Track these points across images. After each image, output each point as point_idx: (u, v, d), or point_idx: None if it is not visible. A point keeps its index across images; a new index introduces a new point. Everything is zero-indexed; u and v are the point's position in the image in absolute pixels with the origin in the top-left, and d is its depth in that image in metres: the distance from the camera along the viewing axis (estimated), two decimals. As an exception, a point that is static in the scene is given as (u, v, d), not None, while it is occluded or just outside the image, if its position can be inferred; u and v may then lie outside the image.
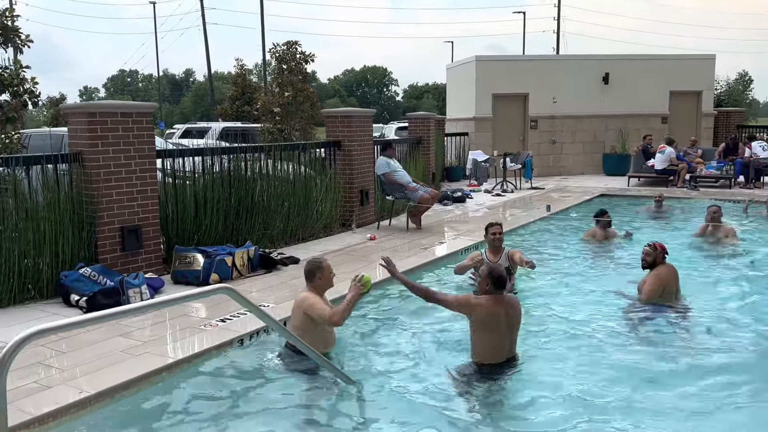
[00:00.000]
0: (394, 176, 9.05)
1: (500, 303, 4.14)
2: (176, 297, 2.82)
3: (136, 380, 3.93)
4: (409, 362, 4.50)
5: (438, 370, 4.33)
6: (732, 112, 18.50)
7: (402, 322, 5.33)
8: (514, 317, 4.18)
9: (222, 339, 4.61)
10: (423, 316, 5.37)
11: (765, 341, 4.86)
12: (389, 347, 4.79)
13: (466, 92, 16.58)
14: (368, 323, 5.31)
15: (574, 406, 3.79)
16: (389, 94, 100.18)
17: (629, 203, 11.55)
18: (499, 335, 4.11)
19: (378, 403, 3.90)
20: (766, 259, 7.47)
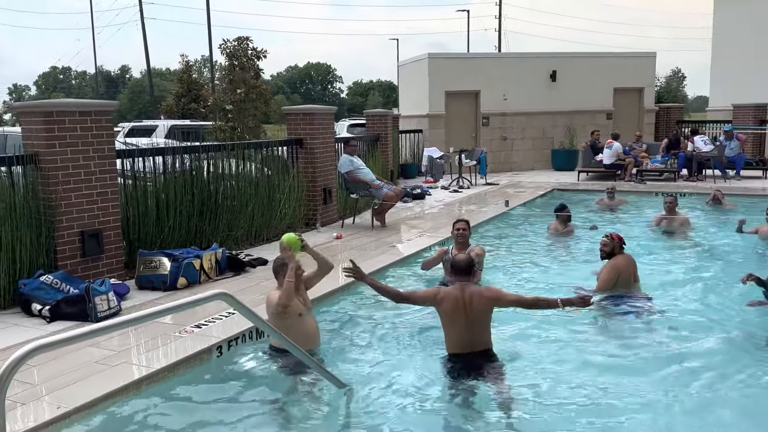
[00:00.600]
0: (358, 174, 8.99)
1: (463, 292, 4.12)
2: (176, 305, 2.70)
3: (116, 392, 3.76)
4: (394, 361, 4.48)
5: (422, 365, 4.34)
6: (672, 108, 19.28)
7: (382, 321, 5.29)
8: (479, 307, 4.10)
9: (201, 345, 4.46)
10: (401, 315, 5.35)
11: (721, 327, 5.06)
12: (373, 348, 4.76)
13: (418, 89, 16.66)
14: (350, 324, 5.26)
15: (543, 396, 3.86)
16: (334, 91, 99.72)
17: (581, 197, 11.87)
18: (465, 324, 4.09)
19: (369, 406, 3.87)
20: (716, 246, 7.82)
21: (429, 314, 5.38)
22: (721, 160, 13.72)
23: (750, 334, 4.93)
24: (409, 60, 17.89)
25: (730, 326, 5.07)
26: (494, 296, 4.18)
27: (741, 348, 4.66)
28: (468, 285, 4.18)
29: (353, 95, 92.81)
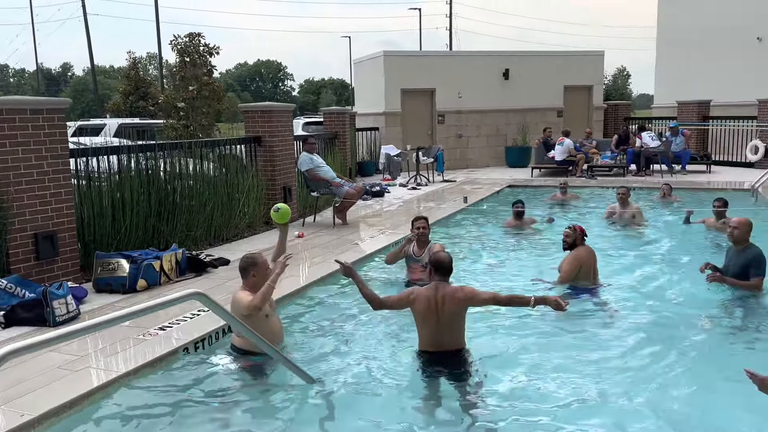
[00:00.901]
0: (318, 172, 8.95)
1: (437, 292, 4.07)
2: (151, 305, 2.63)
3: (81, 398, 3.64)
4: (363, 355, 4.48)
5: (391, 361, 4.34)
6: (620, 105, 19.87)
7: (352, 315, 5.30)
8: (451, 308, 4.05)
9: (167, 348, 4.37)
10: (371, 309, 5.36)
11: (676, 313, 5.26)
12: (342, 342, 4.75)
13: (374, 87, 16.68)
14: (320, 319, 5.24)
15: (515, 390, 3.90)
16: (285, 89, 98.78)
17: (536, 193, 12.13)
18: (436, 324, 4.06)
19: (340, 400, 3.85)
20: (666, 237, 8.12)
21: (407, 315, 5.43)
22: (667, 155, 14.24)
23: (705, 316, 5.14)
24: (365, 58, 17.90)
25: (684, 312, 5.27)
26: (467, 296, 4.11)
27: (697, 331, 4.85)
28: (442, 285, 4.12)
29: (305, 93, 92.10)
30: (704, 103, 16.80)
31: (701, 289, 5.71)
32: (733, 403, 3.61)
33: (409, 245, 6.18)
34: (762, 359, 4.36)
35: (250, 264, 4.32)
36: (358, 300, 5.66)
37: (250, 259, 4.37)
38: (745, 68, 17.85)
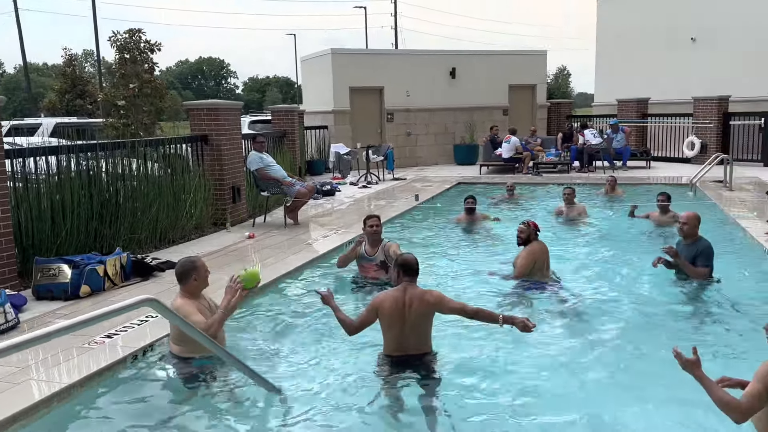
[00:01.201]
0: (269, 171, 8.77)
1: (405, 293, 3.97)
2: (102, 312, 2.48)
3: (24, 412, 3.43)
4: (323, 360, 4.38)
5: (353, 366, 4.23)
6: (562, 104, 20.36)
7: (309, 319, 5.19)
8: (419, 310, 3.94)
9: (115, 357, 4.17)
10: (331, 315, 5.27)
11: (626, 305, 5.41)
12: (301, 346, 4.64)
13: (322, 85, 16.53)
14: (276, 323, 5.11)
15: (479, 390, 3.89)
16: (228, 87, 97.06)
17: (485, 190, 12.27)
18: (402, 327, 3.94)
19: (305, 409, 3.74)
20: (612, 231, 8.34)
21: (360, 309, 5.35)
22: (609, 152, 14.67)
23: (654, 308, 5.29)
24: (312, 56, 17.72)
25: (634, 303, 5.42)
26: (436, 301, 3.99)
27: (647, 322, 4.99)
28: (411, 287, 4.01)
29: (249, 91, 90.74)
30: (643, 101, 17.38)
31: (648, 281, 5.90)
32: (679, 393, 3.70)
33: (360, 246, 6.10)
34: (706, 346, 4.50)
35: (191, 268, 4.10)
36: (316, 302, 5.58)
37: (189, 263, 4.14)
38: (681, 67, 18.57)
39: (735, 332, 4.72)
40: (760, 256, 6.77)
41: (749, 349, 4.22)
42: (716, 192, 10.86)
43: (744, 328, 4.75)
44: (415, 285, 4.05)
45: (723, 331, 4.80)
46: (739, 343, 4.50)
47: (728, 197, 10.36)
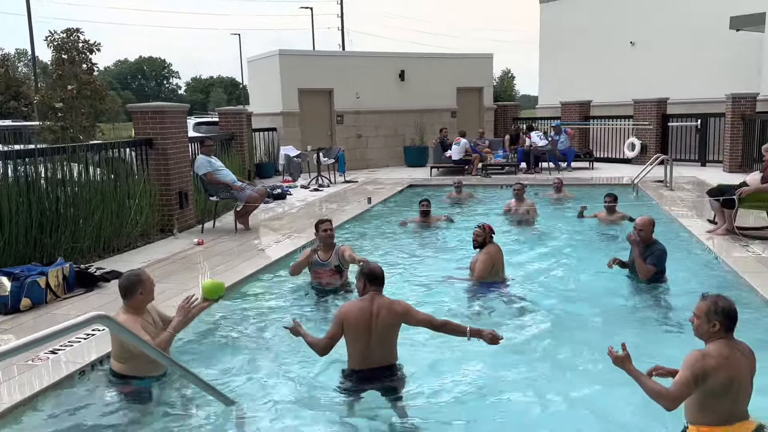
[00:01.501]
0: (218, 175, 8.55)
1: (372, 302, 3.84)
2: (52, 331, 2.33)
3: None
4: (281, 371, 4.27)
5: (314, 377, 4.14)
6: (508, 106, 20.70)
7: (265, 328, 5.07)
8: (386, 320, 3.81)
9: (60, 373, 3.97)
10: (285, 321, 5.16)
11: (577, 304, 5.54)
12: (257, 357, 4.53)
13: (270, 87, 16.29)
14: (229, 334, 4.96)
15: (445, 399, 3.86)
16: (170, 87, 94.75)
17: (435, 192, 12.34)
18: (369, 338, 3.80)
19: (259, 422, 3.64)
20: (561, 231, 8.52)
21: (322, 321, 5.27)
22: (554, 153, 15.01)
23: (606, 307, 5.42)
24: (259, 56, 17.45)
25: (587, 301, 5.56)
26: (404, 311, 3.88)
27: (602, 320, 5.11)
28: (378, 296, 3.88)
29: (192, 92, 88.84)
30: (585, 104, 17.86)
31: (599, 281, 6.04)
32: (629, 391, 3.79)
33: (313, 254, 6.00)
34: (654, 347, 4.63)
35: (137, 281, 3.88)
36: (273, 311, 5.47)
37: (135, 276, 3.93)
38: (621, 70, 19.19)
39: (678, 327, 4.86)
40: (703, 254, 7.03)
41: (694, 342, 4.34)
42: (657, 192, 11.24)
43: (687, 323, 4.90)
44: (381, 294, 3.92)
45: (669, 326, 4.96)
46: (684, 338, 4.65)
47: (669, 197, 10.73)
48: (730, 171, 13.56)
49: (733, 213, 7.42)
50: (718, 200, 7.52)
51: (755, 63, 15.68)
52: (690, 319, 3.16)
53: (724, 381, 2.92)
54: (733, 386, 2.95)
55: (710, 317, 3.02)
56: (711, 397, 2.96)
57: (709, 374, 2.90)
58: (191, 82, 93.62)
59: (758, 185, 7.29)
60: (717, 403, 2.97)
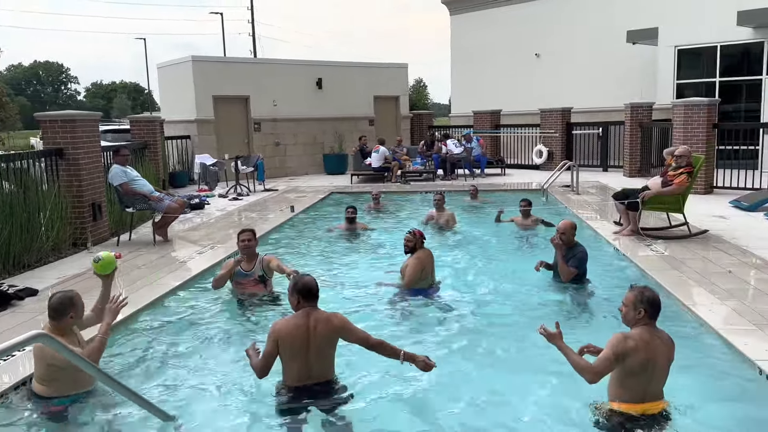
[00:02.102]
0: (134, 186, 8.24)
1: (309, 317, 3.72)
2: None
3: None
4: (214, 386, 4.18)
5: (248, 393, 4.04)
6: (423, 115, 21.20)
7: (193, 342, 4.96)
8: (324, 333, 3.72)
9: (-21, 400, 3.72)
10: (216, 335, 5.08)
11: (500, 307, 5.79)
12: (187, 372, 4.42)
13: (183, 93, 15.85)
14: (155, 349, 4.81)
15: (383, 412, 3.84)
16: (69, 93, 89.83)
17: (358, 199, 12.45)
18: (307, 353, 3.69)
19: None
20: (481, 235, 8.85)
21: (248, 333, 5.21)
22: (469, 160, 15.53)
23: (531, 306, 5.70)
24: (170, 63, 16.93)
25: (512, 302, 5.82)
26: (342, 325, 3.79)
27: (527, 321, 5.32)
28: (314, 310, 3.76)
29: (93, 98, 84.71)
30: (496, 113, 18.59)
31: (523, 282, 6.34)
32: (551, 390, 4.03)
33: (236, 265, 5.92)
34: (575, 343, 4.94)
35: (69, 305, 3.74)
36: (202, 323, 5.35)
37: (68, 299, 3.77)
38: (528, 81, 20.13)
39: (598, 321, 5.22)
40: (611, 254, 7.52)
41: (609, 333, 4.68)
42: (565, 196, 11.88)
43: (605, 317, 5.28)
44: (317, 308, 3.82)
45: (590, 322, 5.30)
46: (602, 329, 4.99)
47: (576, 201, 11.38)
48: (630, 176, 14.56)
49: (637, 215, 7.99)
50: (623, 203, 8.07)
51: (651, 74, 16.93)
52: (619, 308, 3.52)
53: (642, 361, 3.30)
54: (649, 367, 3.33)
55: (636, 306, 3.40)
56: (629, 375, 3.33)
57: (628, 354, 3.29)
58: (91, 88, 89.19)
59: (659, 189, 7.90)
60: (634, 382, 3.34)
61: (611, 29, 17.80)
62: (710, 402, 3.76)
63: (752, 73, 14.99)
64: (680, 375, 3.74)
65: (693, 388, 3.87)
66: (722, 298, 5.35)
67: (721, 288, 5.65)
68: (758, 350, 4.18)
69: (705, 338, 4.67)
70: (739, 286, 5.74)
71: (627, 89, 17.07)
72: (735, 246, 7.34)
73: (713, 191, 11.67)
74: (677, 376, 3.65)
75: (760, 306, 5.11)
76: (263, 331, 5.15)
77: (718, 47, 15.22)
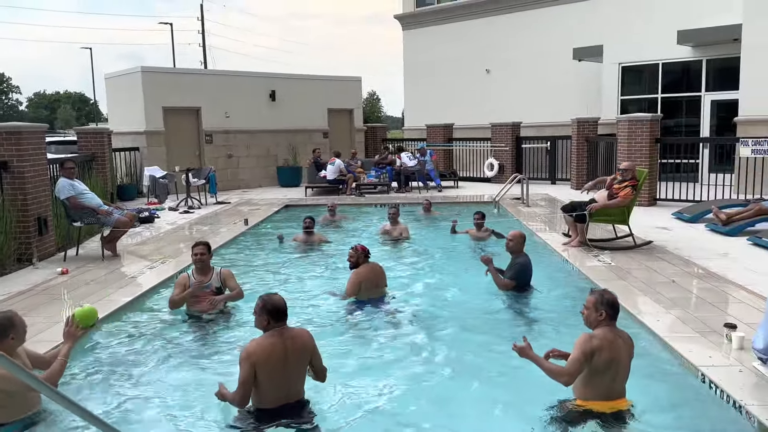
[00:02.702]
0: (82, 200, 8.01)
1: (282, 335, 3.65)
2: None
3: None
4: (171, 408, 4.09)
5: (217, 411, 3.93)
6: (377, 127, 21.33)
7: (148, 360, 4.85)
8: (299, 348, 3.68)
9: None
10: (170, 353, 4.98)
11: (456, 313, 5.92)
12: (147, 392, 4.31)
13: (132, 104, 15.51)
14: (109, 369, 4.67)
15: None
16: (10, 103, 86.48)
17: (312, 212, 12.40)
18: (284, 371, 3.62)
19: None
20: (435, 247, 8.95)
21: (202, 348, 5.13)
22: (423, 173, 15.70)
23: (480, 315, 5.82)
24: (118, 73, 16.56)
25: (464, 311, 5.94)
26: (312, 343, 3.77)
27: (475, 328, 5.46)
28: (286, 329, 3.69)
29: (36, 108, 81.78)
30: (448, 126, 18.86)
31: (473, 292, 6.46)
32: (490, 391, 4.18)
33: (188, 280, 5.82)
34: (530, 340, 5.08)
35: (8, 326, 3.63)
36: (155, 339, 5.23)
37: (7, 320, 3.65)
38: (479, 96, 20.54)
39: (550, 330, 5.34)
40: (560, 264, 7.73)
41: (561, 340, 4.82)
42: (516, 208, 12.14)
43: (556, 324, 5.44)
44: (287, 326, 3.74)
45: (534, 327, 5.46)
46: (546, 334, 5.16)
47: (526, 212, 11.64)
48: (578, 188, 14.96)
49: (584, 227, 8.24)
50: (572, 215, 8.32)
51: (596, 90, 17.53)
52: (581, 311, 3.72)
53: (606, 360, 3.49)
54: (613, 366, 3.52)
55: (597, 307, 3.61)
56: (595, 374, 3.53)
57: (595, 352, 3.49)
58: (34, 98, 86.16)
59: (605, 201, 8.17)
60: (599, 381, 3.55)
61: (558, 46, 18.38)
62: (656, 407, 3.90)
63: (692, 89, 15.72)
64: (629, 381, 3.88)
65: (641, 394, 4.02)
66: (667, 307, 5.57)
67: (666, 297, 5.88)
68: (702, 357, 4.37)
69: (651, 346, 4.85)
70: (683, 295, 5.98)
71: (574, 104, 17.64)
72: (678, 256, 7.65)
73: (656, 203, 12.13)
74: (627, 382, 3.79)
75: (703, 314, 5.34)
76: (217, 346, 5.11)
77: (660, 65, 15.91)
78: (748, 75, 12.90)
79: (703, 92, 15.37)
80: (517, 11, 20.12)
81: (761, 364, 4.09)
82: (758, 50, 12.62)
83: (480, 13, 21.03)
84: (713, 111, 15.27)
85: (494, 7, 20.65)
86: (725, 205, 9.87)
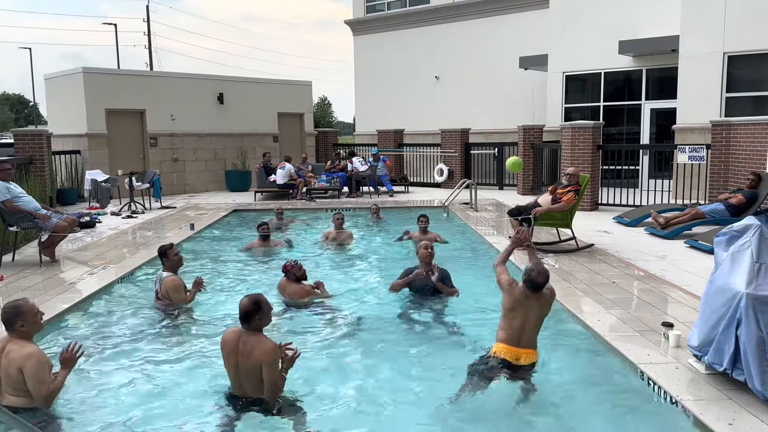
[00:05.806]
0: (18, 203, 7.69)
1: (238, 338, 3.77)
2: None
3: None
4: (164, 404, 4.07)
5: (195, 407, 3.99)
6: (328, 132, 21.27)
7: (105, 367, 4.69)
8: (247, 358, 3.73)
9: None
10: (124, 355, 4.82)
11: (398, 317, 5.96)
12: (122, 395, 4.21)
13: (73, 106, 15.00)
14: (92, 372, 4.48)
15: None
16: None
17: (263, 216, 12.25)
18: (231, 367, 3.81)
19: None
20: (380, 252, 8.96)
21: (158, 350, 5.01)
22: (374, 178, 15.73)
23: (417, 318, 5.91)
24: (58, 74, 16.00)
25: (407, 315, 5.99)
26: (262, 359, 3.73)
27: (418, 333, 5.50)
28: (245, 333, 3.80)
29: (-31, 109, 78.13)
30: (399, 132, 18.97)
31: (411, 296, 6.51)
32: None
33: None
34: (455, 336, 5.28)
35: (15, 314, 3.71)
36: (95, 349, 5.06)
37: (12, 307, 3.74)
38: (429, 102, 20.75)
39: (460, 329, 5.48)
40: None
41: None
42: (465, 213, 12.29)
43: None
44: (251, 332, 3.80)
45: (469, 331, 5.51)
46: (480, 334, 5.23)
47: (475, 217, 11.80)
48: (524, 193, 15.30)
49: (529, 230, 8.41)
50: (517, 219, 8.47)
51: (541, 98, 17.95)
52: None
53: (509, 304, 4.30)
54: (517, 312, 4.24)
55: (523, 276, 4.35)
56: (504, 316, 4.28)
57: (505, 288, 4.39)
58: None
59: (549, 206, 8.36)
60: (508, 324, 4.24)
61: (506, 55, 18.75)
62: (595, 404, 4.01)
63: (633, 98, 16.28)
64: (568, 378, 3.99)
65: (579, 391, 4.14)
66: (607, 307, 5.73)
67: (607, 298, 6.06)
68: (641, 355, 4.51)
69: (592, 345, 4.97)
70: (623, 295, 6.17)
71: (520, 111, 18.02)
72: (618, 259, 7.89)
73: (598, 208, 12.50)
74: (565, 377, 3.92)
75: (642, 314, 5.51)
76: (170, 349, 5.02)
77: (602, 74, 16.42)
78: (685, 85, 13.45)
79: (643, 101, 15.94)
80: (466, 20, 20.44)
81: (696, 360, 4.24)
82: (694, 61, 13.19)
83: (429, 20, 21.28)
84: (653, 119, 15.85)
85: (443, 15, 20.93)
86: (664, 209, 10.24)
